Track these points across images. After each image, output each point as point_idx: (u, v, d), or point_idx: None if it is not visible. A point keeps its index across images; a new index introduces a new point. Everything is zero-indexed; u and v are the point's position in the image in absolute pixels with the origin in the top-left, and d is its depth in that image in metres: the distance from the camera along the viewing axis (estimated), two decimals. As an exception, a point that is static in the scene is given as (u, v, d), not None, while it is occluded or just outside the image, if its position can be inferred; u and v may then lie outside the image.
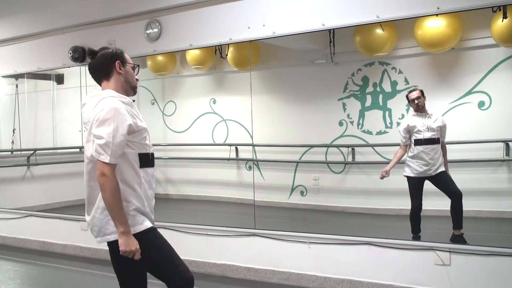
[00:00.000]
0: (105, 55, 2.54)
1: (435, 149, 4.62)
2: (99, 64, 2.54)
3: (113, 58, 2.56)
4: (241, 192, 6.80)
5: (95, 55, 2.54)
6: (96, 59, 2.54)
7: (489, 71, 5.29)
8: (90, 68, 2.57)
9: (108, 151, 2.29)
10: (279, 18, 4.70)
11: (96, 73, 2.56)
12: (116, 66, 2.55)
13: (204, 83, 7.45)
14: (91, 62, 2.56)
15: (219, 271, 5.03)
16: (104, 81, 2.55)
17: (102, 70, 2.55)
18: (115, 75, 2.55)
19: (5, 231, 6.70)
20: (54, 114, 7.39)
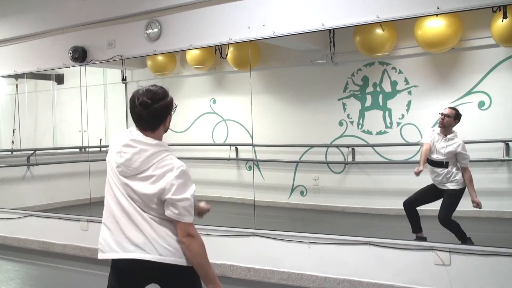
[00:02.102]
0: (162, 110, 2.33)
1: (436, 172, 4.55)
2: (153, 118, 2.32)
3: (167, 112, 2.38)
4: (241, 192, 6.80)
5: (149, 107, 2.30)
6: (151, 112, 2.31)
7: (489, 71, 5.29)
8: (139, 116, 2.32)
9: (192, 211, 2.29)
10: (279, 18, 4.70)
11: (144, 124, 2.34)
12: (167, 120, 2.38)
13: (204, 83, 7.45)
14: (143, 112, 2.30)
15: (219, 271, 5.02)
16: (149, 131, 2.34)
17: (152, 124, 2.34)
18: (161, 127, 2.37)
19: (5, 231, 6.70)
20: (54, 114, 7.40)
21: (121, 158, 2.32)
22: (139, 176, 2.30)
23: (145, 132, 2.34)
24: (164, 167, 2.29)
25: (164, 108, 2.35)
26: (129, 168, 2.30)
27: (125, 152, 2.31)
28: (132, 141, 2.32)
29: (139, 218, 2.31)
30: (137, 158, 2.29)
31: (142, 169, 2.29)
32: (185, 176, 2.29)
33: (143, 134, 2.33)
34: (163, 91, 2.38)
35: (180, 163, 2.32)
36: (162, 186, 2.26)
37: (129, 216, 2.32)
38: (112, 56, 5.69)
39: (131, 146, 2.31)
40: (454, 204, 4.50)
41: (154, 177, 2.28)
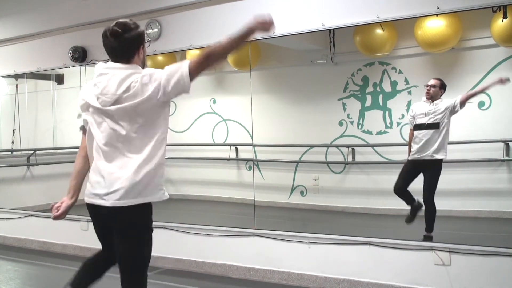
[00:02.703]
0: (132, 39, 2.41)
1: (429, 134, 4.63)
2: (124, 47, 2.40)
3: (139, 42, 2.45)
4: (241, 192, 6.80)
5: (119, 36, 2.38)
6: (122, 41, 2.39)
7: (489, 71, 5.29)
8: (111, 47, 2.41)
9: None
10: (279, 18, 4.69)
11: (117, 54, 2.42)
12: (140, 50, 2.46)
13: (204, 83, 7.45)
14: (114, 42, 2.39)
15: (219, 271, 5.03)
16: (123, 61, 2.41)
17: (125, 53, 2.41)
18: (135, 58, 2.45)
19: (5, 231, 6.69)
20: (54, 114, 7.39)
21: (98, 88, 2.37)
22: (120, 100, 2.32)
23: (120, 63, 2.41)
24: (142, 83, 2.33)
25: (135, 38, 2.42)
26: (107, 95, 2.34)
27: (99, 82, 2.38)
28: (105, 69, 2.40)
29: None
30: (112, 82, 2.35)
31: (120, 92, 2.32)
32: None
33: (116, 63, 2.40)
34: (134, 23, 2.45)
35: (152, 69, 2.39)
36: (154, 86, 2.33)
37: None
38: (112, 56, 5.68)
39: (104, 73, 2.39)
40: (436, 182, 4.60)
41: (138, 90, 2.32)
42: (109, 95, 2.35)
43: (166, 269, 5.27)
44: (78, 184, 2.58)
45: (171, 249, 5.32)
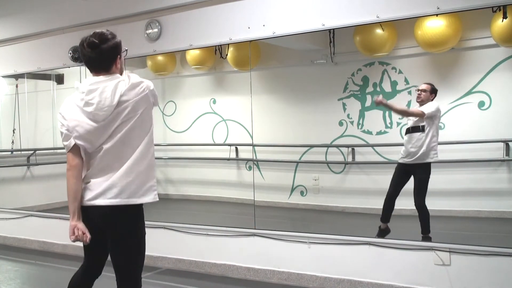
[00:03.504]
0: (109, 50, 2.47)
1: (415, 138, 4.66)
2: (102, 58, 2.46)
3: (116, 52, 2.51)
4: (241, 192, 6.80)
5: (97, 47, 2.44)
6: (100, 52, 2.45)
7: (489, 71, 5.29)
8: (89, 58, 2.48)
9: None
10: (279, 18, 4.70)
11: (95, 65, 2.49)
12: (117, 60, 2.51)
13: (204, 83, 7.45)
14: (91, 53, 2.45)
15: (219, 271, 5.03)
16: (102, 72, 2.48)
17: (103, 64, 2.47)
18: (113, 68, 2.51)
19: (5, 231, 6.70)
20: (54, 114, 7.38)
21: (91, 105, 2.41)
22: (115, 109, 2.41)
23: (99, 74, 2.47)
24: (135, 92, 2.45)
25: (112, 48, 2.47)
26: (104, 109, 2.40)
27: (91, 99, 2.41)
28: (92, 85, 2.44)
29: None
30: (105, 95, 2.41)
31: (115, 103, 2.40)
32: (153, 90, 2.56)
33: (98, 76, 2.47)
34: (110, 33, 2.53)
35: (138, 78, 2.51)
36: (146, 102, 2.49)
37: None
38: (112, 56, 5.68)
39: (93, 90, 2.42)
40: (426, 186, 4.62)
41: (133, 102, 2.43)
42: (106, 108, 2.41)
43: (166, 269, 5.27)
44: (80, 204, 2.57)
45: (171, 249, 5.32)
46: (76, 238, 2.51)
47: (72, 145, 2.51)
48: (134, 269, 2.56)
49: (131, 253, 2.54)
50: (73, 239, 2.52)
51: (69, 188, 2.52)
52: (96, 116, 2.42)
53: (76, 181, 2.52)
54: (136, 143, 2.49)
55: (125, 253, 2.53)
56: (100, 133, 2.46)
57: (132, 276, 2.56)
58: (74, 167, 2.53)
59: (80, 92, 2.46)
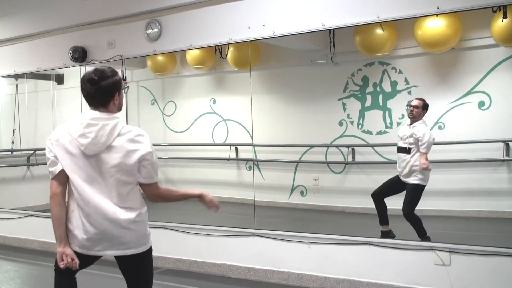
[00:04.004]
0: (108, 86, 2.51)
1: (401, 158, 4.74)
2: (101, 94, 2.51)
3: (115, 90, 2.55)
4: (241, 192, 6.80)
5: (96, 84, 2.49)
6: (99, 88, 2.50)
7: (489, 71, 5.29)
8: (87, 93, 2.52)
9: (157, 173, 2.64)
10: (279, 18, 4.70)
11: (94, 100, 2.53)
12: (115, 97, 2.55)
13: (204, 83, 7.45)
14: (90, 88, 2.50)
15: (219, 271, 5.03)
16: (100, 108, 2.53)
17: (101, 100, 2.52)
18: (111, 104, 2.55)
19: (5, 231, 6.70)
20: (54, 114, 7.39)
21: (87, 138, 2.47)
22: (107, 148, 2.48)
23: (98, 109, 2.53)
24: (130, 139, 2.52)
25: (111, 85, 2.53)
26: (97, 145, 2.47)
27: (89, 132, 2.47)
28: (93, 120, 2.49)
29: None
30: (102, 133, 2.47)
31: (109, 142, 2.48)
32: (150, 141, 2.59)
33: (98, 112, 2.52)
34: (111, 70, 2.56)
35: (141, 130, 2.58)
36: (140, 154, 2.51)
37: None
38: (112, 56, 5.69)
39: (93, 125, 2.48)
40: (416, 199, 4.65)
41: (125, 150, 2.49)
42: (100, 145, 2.47)
43: (166, 269, 5.27)
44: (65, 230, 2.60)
45: (171, 249, 5.32)
46: (65, 264, 2.54)
47: (57, 171, 2.51)
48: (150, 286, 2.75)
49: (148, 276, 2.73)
50: (62, 265, 2.54)
51: (54, 215, 2.54)
52: (87, 150, 2.47)
53: (60, 209, 2.54)
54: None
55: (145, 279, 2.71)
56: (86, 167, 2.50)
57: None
58: (58, 194, 2.54)
59: (80, 123, 2.50)
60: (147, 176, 2.57)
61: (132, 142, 2.51)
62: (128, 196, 2.54)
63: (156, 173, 2.60)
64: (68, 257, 2.53)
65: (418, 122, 4.68)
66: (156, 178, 2.61)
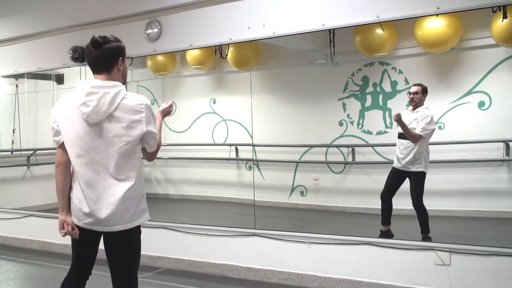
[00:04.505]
0: (112, 49, 2.54)
1: (404, 144, 4.72)
2: (105, 57, 2.53)
3: (119, 54, 2.58)
4: (241, 192, 6.80)
5: (100, 46, 2.52)
6: (103, 51, 2.52)
7: (489, 71, 5.29)
8: (92, 58, 2.55)
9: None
10: (279, 18, 4.70)
11: (98, 64, 2.55)
12: (119, 62, 2.57)
13: (204, 83, 7.45)
14: (94, 52, 2.53)
15: (219, 271, 5.03)
16: (104, 72, 2.54)
17: (105, 63, 2.54)
18: (115, 69, 2.57)
19: (5, 231, 6.70)
20: (53, 114, 7.39)
21: (88, 107, 2.46)
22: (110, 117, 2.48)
23: (102, 75, 2.53)
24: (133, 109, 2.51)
25: (115, 49, 2.56)
26: (99, 113, 2.46)
27: (90, 100, 2.47)
28: (94, 88, 2.48)
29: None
30: (104, 101, 2.46)
31: (111, 110, 2.46)
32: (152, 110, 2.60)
33: (100, 80, 2.52)
34: (114, 37, 2.61)
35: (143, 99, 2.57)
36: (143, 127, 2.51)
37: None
38: (112, 56, 5.68)
39: (94, 93, 2.47)
40: (423, 187, 4.66)
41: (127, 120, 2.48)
42: (101, 113, 2.46)
43: (166, 269, 5.27)
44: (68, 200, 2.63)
45: (171, 249, 5.32)
46: (66, 233, 2.59)
47: (62, 141, 2.56)
48: (131, 269, 2.64)
49: (127, 258, 2.63)
50: (63, 233, 2.60)
51: (58, 184, 2.60)
52: (89, 118, 2.46)
53: (64, 178, 2.58)
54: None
55: (123, 260, 2.63)
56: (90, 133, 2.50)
57: (129, 275, 2.64)
58: (63, 164, 2.59)
59: (81, 91, 2.50)
60: (153, 143, 2.61)
61: (134, 113, 2.50)
62: (126, 167, 2.51)
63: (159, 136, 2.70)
64: (68, 226, 2.57)
65: (421, 108, 4.70)
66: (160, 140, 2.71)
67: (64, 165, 2.58)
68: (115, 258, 2.61)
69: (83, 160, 2.50)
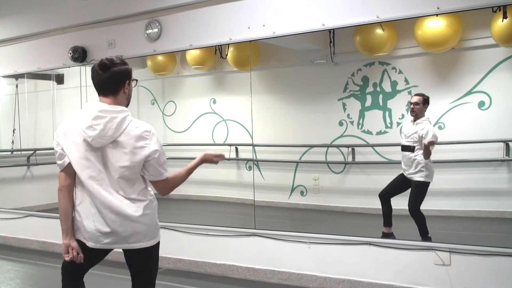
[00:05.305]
0: (120, 73, 2.54)
1: (406, 156, 4.74)
2: (112, 80, 2.52)
3: (126, 77, 2.57)
4: (241, 192, 6.80)
5: (108, 69, 2.50)
6: (110, 74, 2.51)
7: (489, 71, 5.29)
8: (99, 81, 2.53)
9: (166, 168, 2.64)
10: (279, 18, 4.70)
11: (105, 87, 2.54)
12: (125, 85, 2.57)
13: (204, 83, 7.45)
14: (102, 75, 2.51)
15: (219, 271, 5.03)
16: (110, 95, 2.53)
17: (112, 86, 2.53)
18: (122, 92, 2.56)
19: (5, 231, 6.70)
20: (54, 114, 7.39)
21: (95, 130, 2.47)
22: (114, 142, 2.48)
23: (108, 98, 2.53)
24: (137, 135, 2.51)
25: (122, 72, 2.55)
26: (105, 138, 2.47)
27: (97, 124, 2.47)
28: (101, 112, 2.48)
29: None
30: (110, 126, 2.47)
31: (117, 135, 2.47)
32: (157, 137, 2.61)
33: (107, 104, 2.52)
34: (121, 60, 2.59)
35: (149, 126, 2.58)
36: (146, 153, 2.51)
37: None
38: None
39: (101, 117, 2.47)
40: (421, 195, 4.66)
41: (131, 146, 2.48)
42: (107, 138, 2.47)
43: (166, 269, 5.27)
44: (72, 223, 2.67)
45: (171, 249, 5.32)
46: (71, 258, 2.63)
47: (66, 164, 2.54)
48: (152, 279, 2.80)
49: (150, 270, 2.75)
50: (68, 258, 2.63)
51: (61, 208, 2.59)
52: (94, 142, 2.47)
53: (68, 202, 2.58)
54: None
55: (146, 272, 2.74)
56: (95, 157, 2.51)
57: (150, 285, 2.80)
58: (66, 187, 2.57)
59: (88, 115, 2.50)
60: (155, 174, 2.57)
61: (139, 140, 2.50)
62: (133, 190, 2.53)
63: (164, 168, 2.61)
64: (74, 250, 2.60)
65: (422, 119, 4.68)
66: (165, 174, 2.62)
67: (68, 189, 2.57)
68: (138, 271, 2.69)
69: (96, 181, 2.50)
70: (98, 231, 2.53)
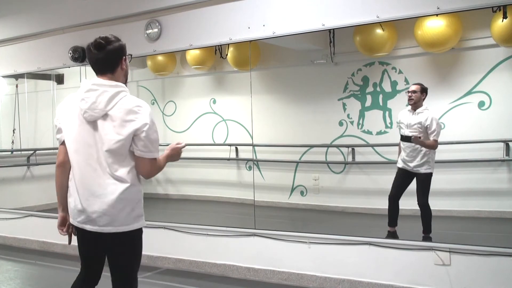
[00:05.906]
0: (115, 50, 2.54)
1: (410, 147, 4.70)
2: (109, 59, 2.52)
3: (121, 54, 2.58)
4: (241, 192, 6.80)
5: (103, 48, 2.50)
6: (106, 53, 2.51)
7: (489, 71, 5.29)
8: (96, 60, 2.53)
9: (158, 148, 2.55)
10: (279, 18, 4.70)
11: (102, 66, 2.54)
12: (122, 61, 2.58)
13: (204, 83, 7.45)
14: (98, 55, 2.51)
15: (219, 271, 5.03)
16: (108, 73, 2.54)
17: (109, 65, 2.54)
18: (119, 69, 2.57)
19: (5, 231, 6.70)
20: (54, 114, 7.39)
21: (86, 103, 2.48)
22: (105, 116, 2.46)
23: (106, 76, 2.53)
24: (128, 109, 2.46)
25: (117, 49, 2.56)
26: (95, 111, 2.47)
27: (88, 97, 2.48)
28: (94, 85, 2.49)
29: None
30: (101, 99, 2.46)
31: (107, 109, 2.46)
32: (152, 115, 2.54)
33: (103, 79, 2.52)
34: (115, 37, 2.60)
35: (142, 102, 2.52)
36: (135, 126, 2.44)
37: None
38: (112, 56, 5.68)
39: (93, 89, 2.49)
40: (428, 187, 4.67)
41: (120, 119, 2.44)
42: (98, 111, 2.47)
43: (166, 269, 5.27)
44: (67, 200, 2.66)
45: (171, 249, 5.32)
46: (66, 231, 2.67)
47: (63, 139, 2.60)
48: (130, 271, 2.63)
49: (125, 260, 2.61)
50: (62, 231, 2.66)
51: (58, 184, 2.66)
52: (86, 115, 2.48)
53: (65, 179, 2.63)
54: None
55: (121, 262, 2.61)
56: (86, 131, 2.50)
57: (127, 277, 2.63)
58: (64, 163, 2.62)
59: (81, 88, 2.53)
60: (144, 149, 2.47)
61: (129, 113, 2.46)
62: (120, 166, 2.48)
63: (154, 148, 2.52)
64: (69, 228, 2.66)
65: (422, 108, 4.68)
66: (155, 154, 2.53)
67: (66, 165, 2.60)
68: (113, 260, 2.60)
69: (80, 156, 2.51)
70: (76, 207, 2.54)
